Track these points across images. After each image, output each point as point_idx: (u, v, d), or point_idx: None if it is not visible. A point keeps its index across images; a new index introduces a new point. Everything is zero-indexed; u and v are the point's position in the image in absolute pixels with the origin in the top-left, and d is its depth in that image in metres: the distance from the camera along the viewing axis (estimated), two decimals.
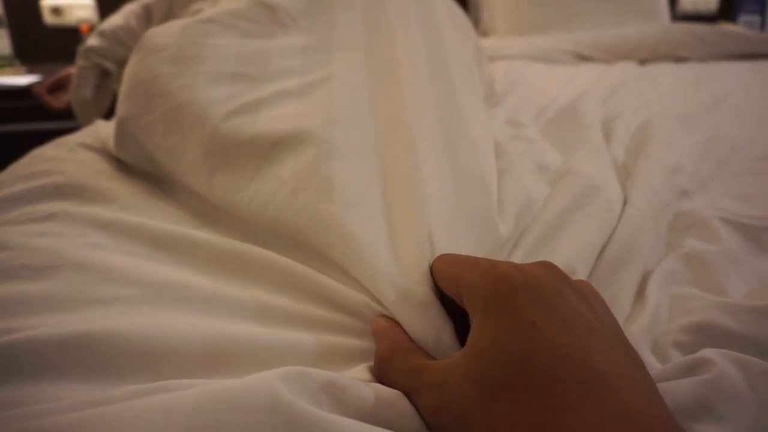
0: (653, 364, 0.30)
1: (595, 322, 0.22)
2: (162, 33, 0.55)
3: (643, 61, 1.32)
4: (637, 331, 0.33)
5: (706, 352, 0.28)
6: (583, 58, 1.29)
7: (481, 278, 0.24)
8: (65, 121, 1.16)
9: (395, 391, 0.25)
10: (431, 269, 0.30)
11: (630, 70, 1.18)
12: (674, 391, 0.24)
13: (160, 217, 0.42)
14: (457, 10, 0.78)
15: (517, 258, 0.40)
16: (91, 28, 1.53)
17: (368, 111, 0.46)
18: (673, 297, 0.37)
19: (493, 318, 0.22)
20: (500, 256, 0.40)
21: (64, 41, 1.63)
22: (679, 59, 1.34)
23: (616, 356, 0.21)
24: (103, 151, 0.55)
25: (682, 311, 0.36)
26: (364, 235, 0.33)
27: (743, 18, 2.09)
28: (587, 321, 0.22)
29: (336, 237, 0.33)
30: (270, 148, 0.41)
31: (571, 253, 0.38)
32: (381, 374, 0.27)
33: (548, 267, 0.25)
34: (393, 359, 0.27)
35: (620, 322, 0.35)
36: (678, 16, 2.04)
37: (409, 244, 0.33)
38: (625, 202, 0.48)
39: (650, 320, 0.34)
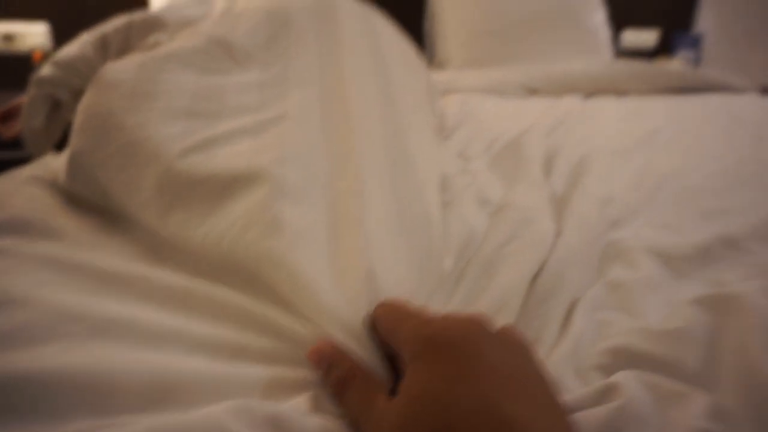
0: (574, 389, 0.33)
1: (515, 371, 0.25)
2: (119, 68, 0.56)
3: (588, 95, 1.40)
4: (560, 358, 0.35)
5: (620, 376, 0.31)
6: (533, 91, 1.36)
7: (413, 334, 0.28)
8: (15, 151, 1.14)
9: (338, 421, 0.27)
10: (373, 314, 0.33)
11: (575, 103, 1.25)
12: (588, 420, 0.27)
13: (111, 253, 0.42)
14: (408, 48, 0.81)
15: (460, 293, 0.42)
16: (44, 56, 1.51)
17: (320, 149, 0.48)
18: (598, 322, 0.40)
19: (422, 371, 0.25)
20: (444, 291, 0.42)
21: (16, 69, 1.60)
22: (620, 93, 1.42)
23: (531, 403, 0.23)
24: (53, 185, 0.55)
25: (604, 336, 0.39)
26: (310, 271, 0.35)
27: (680, 53, 2.24)
28: (506, 371, 0.25)
29: (284, 273, 0.35)
30: (225, 186, 0.43)
31: (506, 286, 0.41)
32: (336, 399, 0.29)
33: (475, 322, 0.28)
34: (348, 387, 0.29)
35: (547, 349, 0.38)
36: (621, 51, 2.17)
37: (353, 281, 0.35)
38: (558, 234, 0.51)
39: (574, 345, 0.37)
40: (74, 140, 0.52)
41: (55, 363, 0.27)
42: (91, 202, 0.51)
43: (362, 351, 0.31)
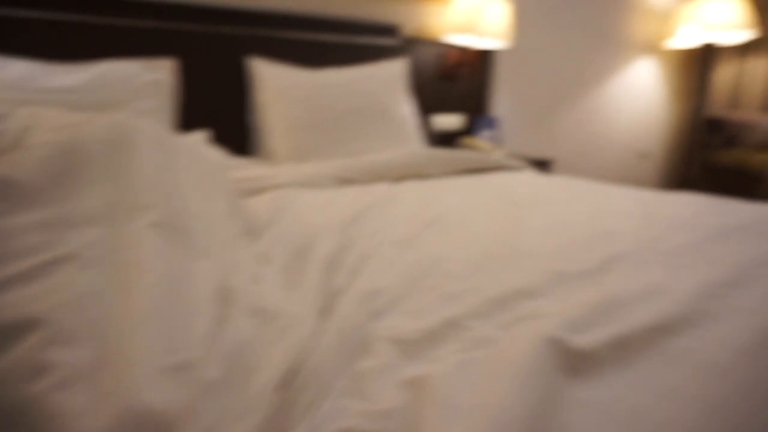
0: None
1: None
2: None
3: (395, 180, 1.60)
4: None
5: None
6: (347, 181, 1.52)
7: None
8: None
9: None
10: None
11: (382, 191, 1.43)
12: None
13: None
14: (206, 169, 0.90)
15: (223, 400, 0.50)
16: None
17: (101, 287, 0.54)
18: (337, 409, 0.51)
19: None
20: (210, 397, 0.50)
21: None
22: (424, 177, 1.65)
23: None
24: None
25: (338, 419, 0.49)
26: (71, 412, 0.41)
27: (482, 133, 2.63)
28: None
29: (44, 415, 0.40)
30: (2, 334, 0.47)
31: (257, 391, 0.50)
32: None
33: None
34: None
35: None
36: (432, 133, 2.49)
37: (113, 417, 0.41)
38: (320, 333, 0.62)
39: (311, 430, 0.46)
40: None
41: None
42: None
43: None
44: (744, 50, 3.60)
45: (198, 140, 1.47)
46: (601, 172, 3.59)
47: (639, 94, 3.76)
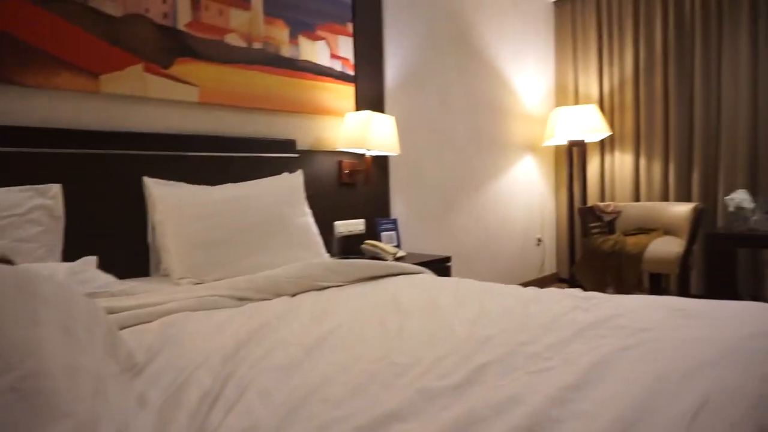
0: None
1: None
2: None
3: (293, 294, 1.63)
4: None
5: None
6: (241, 300, 1.53)
7: None
8: None
9: None
10: None
11: (276, 308, 1.45)
12: None
13: None
14: (78, 310, 0.89)
15: None
16: None
17: None
18: None
19: None
20: None
21: None
22: (321, 288, 1.69)
23: None
24: None
25: None
26: None
27: (384, 234, 2.74)
28: None
29: None
30: None
31: None
32: None
33: None
34: None
35: None
36: (336, 238, 2.57)
37: None
38: None
39: None
40: None
41: None
42: None
43: None
44: (605, 146, 4.12)
45: (79, 269, 1.44)
46: (502, 261, 3.83)
47: (527, 187, 4.13)
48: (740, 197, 2.94)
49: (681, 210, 3.31)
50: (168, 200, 1.88)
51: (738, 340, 1.10)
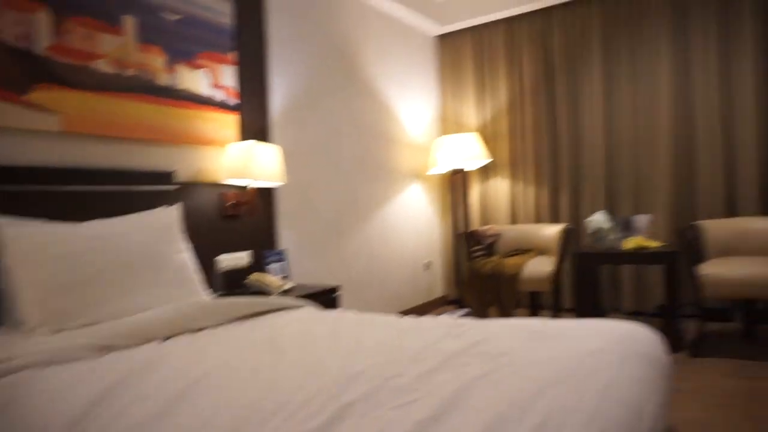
0: None
1: None
2: None
3: (165, 338, 1.54)
4: None
5: None
6: (105, 349, 1.42)
7: None
8: None
9: None
10: None
11: (143, 356, 1.36)
12: None
13: None
14: None
15: None
16: None
17: None
18: None
19: None
20: None
21: None
22: (197, 330, 1.63)
23: None
24: None
25: None
26: None
27: (271, 266, 2.70)
28: None
29: None
30: None
31: None
32: None
33: None
34: None
35: None
36: (219, 273, 2.49)
37: None
38: None
39: None
40: None
41: None
42: None
43: None
44: (485, 173, 4.41)
45: None
46: (391, 287, 3.91)
47: (415, 214, 4.29)
48: (598, 219, 3.27)
49: (551, 231, 3.61)
50: (22, 240, 1.71)
51: (580, 357, 1.21)
